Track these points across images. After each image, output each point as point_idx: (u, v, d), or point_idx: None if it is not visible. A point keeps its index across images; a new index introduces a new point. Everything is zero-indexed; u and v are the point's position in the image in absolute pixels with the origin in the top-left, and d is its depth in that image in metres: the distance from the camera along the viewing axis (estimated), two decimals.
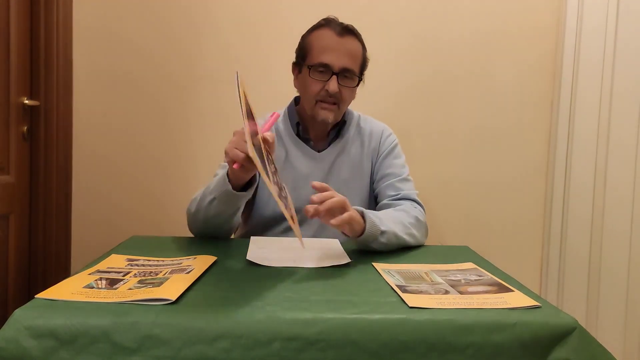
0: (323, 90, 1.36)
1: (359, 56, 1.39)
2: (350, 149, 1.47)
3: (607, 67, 1.94)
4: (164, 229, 1.91)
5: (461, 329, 0.77)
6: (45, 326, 0.73)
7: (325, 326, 0.75)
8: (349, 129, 1.49)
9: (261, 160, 0.93)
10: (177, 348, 0.73)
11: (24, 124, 1.72)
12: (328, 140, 1.47)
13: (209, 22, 1.97)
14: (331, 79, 1.35)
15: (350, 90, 1.39)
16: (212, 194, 1.20)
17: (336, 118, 1.41)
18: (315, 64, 1.36)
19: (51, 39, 1.79)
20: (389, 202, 1.40)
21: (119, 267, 1.00)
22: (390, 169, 1.46)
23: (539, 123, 2.04)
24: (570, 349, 0.77)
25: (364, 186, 1.47)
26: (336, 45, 1.35)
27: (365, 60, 1.43)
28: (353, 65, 1.37)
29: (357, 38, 1.40)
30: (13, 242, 1.68)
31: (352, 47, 1.37)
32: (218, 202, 1.19)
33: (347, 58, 1.35)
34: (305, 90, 1.41)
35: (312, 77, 1.37)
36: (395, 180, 1.43)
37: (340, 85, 1.36)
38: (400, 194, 1.41)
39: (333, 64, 1.35)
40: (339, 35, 1.36)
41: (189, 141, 1.99)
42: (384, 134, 1.51)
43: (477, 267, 1.08)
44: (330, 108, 1.38)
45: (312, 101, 1.39)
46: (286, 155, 1.45)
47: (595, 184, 1.97)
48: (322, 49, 1.36)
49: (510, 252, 2.04)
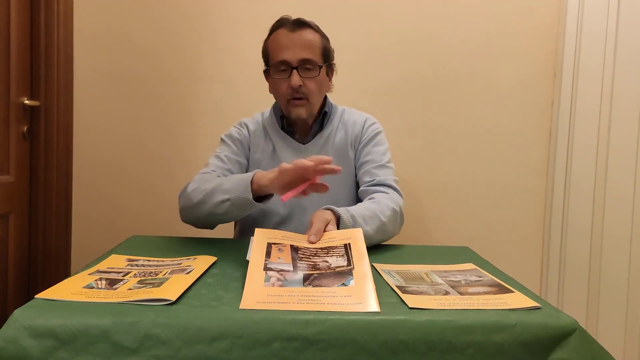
0: (288, 87, 1.38)
1: (316, 45, 1.40)
2: (334, 139, 1.49)
3: (608, 69, 1.94)
4: (164, 228, 1.91)
5: (461, 329, 0.77)
6: (45, 326, 0.73)
7: (326, 326, 0.75)
8: (333, 120, 1.50)
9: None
10: (177, 348, 0.73)
11: (24, 123, 1.72)
12: (312, 132, 1.49)
13: (209, 21, 1.97)
14: (292, 73, 1.37)
15: (314, 81, 1.40)
16: (227, 195, 1.20)
17: (310, 111, 1.43)
18: (275, 63, 1.40)
19: (52, 38, 1.79)
20: (365, 188, 1.41)
21: (119, 268, 1.00)
22: (370, 156, 1.46)
23: (539, 124, 2.04)
24: (571, 350, 0.77)
25: (350, 174, 1.48)
26: (290, 41, 1.38)
27: (327, 49, 1.44)
28: (311, 54, 1.38)
29: (312, 28, 1.41)
30: (13, 241, 1.67)
31: (306, 38, 1.39)
32: (231, 204, 1.20)
33: (302, 50, 1.38)
34: (276, 92, 1.44)
35: (275, 77, 1.40)
36: (372, 167, 1.44)
37: (303, 77, 1.37)
38: (376, 179, 1.41)
39: (290, 59, 1.37)
40: (291, 31, 1.39)
41: (189, 141, 1.99)
42: (366, 123, 1.51)
43: (478, 267, 1.08)
44: (300, 103, 1.40)
45: (284, 102, 1.42)
46: (273, 149, 1.48)
47: (596, 184, 1.97)
48: (278, 47, 1.39)
49: (510, 253, 2.04)
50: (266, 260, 0.94)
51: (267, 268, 0.91)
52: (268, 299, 0.81)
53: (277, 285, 0.86)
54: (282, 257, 0.95)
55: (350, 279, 0.88)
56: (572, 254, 1.98)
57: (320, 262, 0.94)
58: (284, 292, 0.84)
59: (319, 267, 0.93)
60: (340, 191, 1.45)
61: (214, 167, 1.42)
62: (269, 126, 1.51)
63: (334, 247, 1.01)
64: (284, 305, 0.79)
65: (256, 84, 1.94)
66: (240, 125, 1.52)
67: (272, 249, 0.98)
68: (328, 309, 0.78)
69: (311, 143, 1.48)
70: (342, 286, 0.86)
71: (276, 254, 0.96)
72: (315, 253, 0.99)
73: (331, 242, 1.04)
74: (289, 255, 0.96)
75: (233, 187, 1.20)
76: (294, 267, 0.92)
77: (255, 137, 1.50)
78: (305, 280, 0.88)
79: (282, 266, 0.92)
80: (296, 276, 0.89)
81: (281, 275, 0.89)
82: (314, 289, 0.85)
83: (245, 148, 1.50)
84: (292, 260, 0.95)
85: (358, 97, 1.93)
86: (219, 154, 1.46)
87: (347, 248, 0.99)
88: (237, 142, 1.49)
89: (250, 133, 1.51)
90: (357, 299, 0.82)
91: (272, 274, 0.90)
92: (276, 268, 0.92)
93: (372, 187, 1.40)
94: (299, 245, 1.02)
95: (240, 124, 1.53)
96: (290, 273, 0.90)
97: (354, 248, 0.99)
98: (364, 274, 0.90)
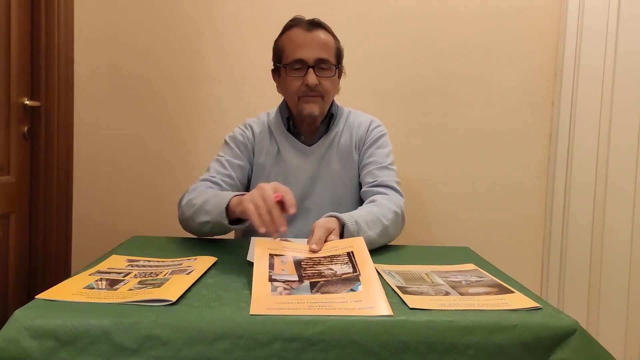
0: (303, 85, 1.37)
1: (331, 46, 1.41)
2: (339, 141, 1.48)
3: (608, 69, 1.94)
4: (164, 229, 1.91)
5: (462, 330, 0.77)
6: (46, 326, 0.73)
7: (326, 327, 0.75)
8: (339, 122, 1.50)
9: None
10: (177, 348, 0.73)
11: (24, 124, 1.72)
12: (318, 134, 1.48)
13: (209, 22, 1.97)
14: (308, 72, 1.37)
15: (330, 80, 1.40)
16: (207, 217, 1.22)
17: (322, 110, 1.42)
18: (290, 61, 1.38)
19: (52, 39, 1.79)
20: (366, 190, 1.41)
21: (119, 268, 1.00)
22: (372, 158, 1.46)
23: (540, 125, 2.04)
24: (571, 351, 0.77)
25: (354, 177, 1.48)
26: (306, 40, 1.38)
27: (340, 51, 1.44)
28: (327, 54, 1.39)
29: (326, 30, 1.42)
30: (13, 242, 1.67)
31: (322, 38, 1.39)
32: (212, 226, 1.22)
33: (319, 49, 1.38)
34: (287, 90, 1.43)
35: (290, 76, 1.39)
36: (374, 168, 1.44)
37: (318, 76, 1.37)
38: (377, 180, 1.41)
39: (307, 58, 1.37)
40: (307, 31, 1.39)
41: (189, 141, 1.99)
42: (371, 125, 1.51)
43: (478, 268, 1.08)
44: (314, 100, 1.39)
45: (294, 99, 1.41)
46: (278, 150, 1.47)
47: (596, 184, 1.97)
48: (294, 46, 1.38)
49: (511, 254, 2.04)
50: (270, 272, 0.93)
51: (272, 279, 0.90)
52: (278, 305, 0.80)
53: (284, 294, 0.85)
54: (285, 268, 0.94)
55: (358, 285, 0.87)
56: (572, 254, 1.98)
57: (325, 270, 0.94)
58: (293, 299, 0.82)
59: (325, 275, 0.92)
60: (343, 193, 1.46)
61: (214, 173, 1.41)
62: (275, 127, 1.49)
63: (336, 255, 1.00)
64: (296, 311, 0.78)
65: (257, 84, 1.94)
66: (245, 127, 1.50)
67: (274, 261, 0.97)
68: (341, 314, 0.77)
69: (316, 145, 1.47)
70: (351, 292, 0.85)
71: (279, 266, 0.95)
72: (319, 262, 0.98)
73: (334, 250, 1.03)
74: (293, 266, 0.95)
75: (212, 209, 1.21)
76: (300, 277, 0.91)
77: (259, 139, 1.48)
78: (312, 287, 0.87)
79: (287, 277, 0.91)
80: (303, 285, 0.88)
81: (287, 285, 0.88)
82: (323, 296, 0.84)
83: (249, 151, 1.48)
84: (297, 270, 0.94)
85: (358, 98, 1.93)
86: (220, 158, 1.45)
87: (351, 255, 0.99)
88: (240, 145, 1.47)
89: (255, 135, 1.49)
90: (368, 303, 0.81)
91: (278, 284, 0.88)
92: (281, 279, 0.90)
93: (374, 188, 1.39)
94: (301, 256, 1.02)
95: (244, 125, 1.51)
96: (296, 283, 0.89)
97: (357, 255, 0.98)
98: (371, 279, 0.89)
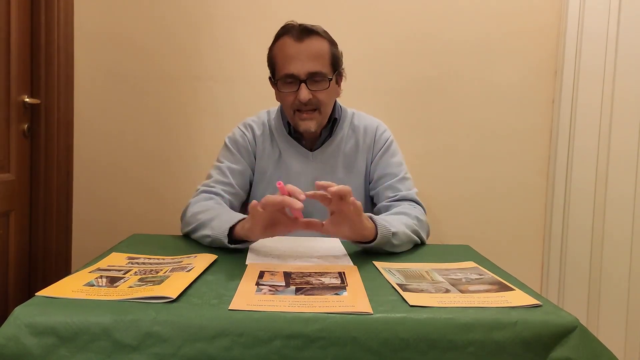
0: (296, 100, 1.32)
1: (324, 55, 1.33)
2: (344, 147, 1.44)
3: (609, 67, 1.94)
4: (164, 227, 1.91)
5: (462, 327, 0.77)
6: (46, 324, 0.73)
7: (326, 324, 0.75)
8: (342, 126, 1.45)
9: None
10: (178, 346, 0.73)
11: (24, 121, 1.72)
12: (321, 138, 1.43)
13: (209, 21, 1.96)
14: (300, 87, 1.30)
15: (325, 92, 1.33)
16: (209, 231, 1.17)
17: (319, 123, 1.37)
18: (281, 76, 1.33)
19: (52, 37, 1.79)
20: (387, 204, 1.37)
21: (119, 266, 1.00)
22: (388, 169, 1.42)
23: (540, 123, 2.04)
24: (571, 348, 0.77)
25: (359, 185, 1.44)
26: (297, 52, 1.30)
27: (336, 57, 1.37)
28: (320, 66, 1.31)
29: (319, 36, 1.33)
30: (13, 239, 1.68)
31: (314, 49, 1.31)
32: (212, 241, 1.17)
33: (311, 62, 1.30)
34: (283, 102, 1.39)
35: (282, 91, 1.34)
36: (393, 181, 1.40)
37: (312, 90, 1.31)
38: (399, 194, 1.37)
39: (298, 72, 1.30)
40: (297, 41, 1.31)
41: (189, 139, 1.99)
42: (378, 130, 1.46)
43: (478, 266, 1.08)
44: (310, 116, 1.34)
45: (290, 112, 1.36)
46: (279, 155, 1.43)
47: (596, 182, 1.96)
48: (285, 59, 1.32)
49: (511, 251, 2.04)
50: (258, 279, 0.93)
51: (258, 284, 0.90)
52: (259, 302, 0.80)
53: (268, 294, 0.85)
54: (274, 278, 0.94)
55: (343, 292, 0.87)
56: (572, 251, 1.98)
57: (313, 280, 0.94)
58: (274, 298, 0.83)
59: (312, 283, 0.92)
60: None
61: (215, 182, 1.37)
62: (276, 130, 1.44)
63: (328, 272, 1.00)
64: (276, 307, 0.78)
65: (256, 84, 1.94)
66: (245, 128, 1.45)
67: (264, 274, 0.97)
68: (322, 311, 0.77)
69: (319, 150, 1.42)
70: (335, 295, 0.85)
71: (269, 276, 0.95)
72: (309, 274, 0.98)
73: (325, 269, 1.03)
74: (282, 276, 0.96)
75: (217, 226, 1.16)
76: (287, 284, 0.91)
77: (260, 142, 1.43)
78: (297, 291, 0.87)
79: (274, 283, 0.92)
80: (288, 289, 0.88)
81: (273, 289, 0.88)
82: (305, 297, 0.84)
83: (251, 156, 1.43)
84: (285, 279, 0.94)
85: (358, 98, 1.92)
86: (220, 165, 1.40)
87: (342, 274, 0.98)
88: (241, 149, 1.43)
89: (256, 137, 1.44)
90: (349, 302, 0.82)
91: (264, 287, 0.89)
92: (268, 284, 0.90)
93: (395, 203, 1.36)
94: (291, 271, 1.01)
95: (244, 126, 1.46)
96: (282, 287, 0.89)
97: (349, 277, 0.97)
98: (358, 289, 0.89)
